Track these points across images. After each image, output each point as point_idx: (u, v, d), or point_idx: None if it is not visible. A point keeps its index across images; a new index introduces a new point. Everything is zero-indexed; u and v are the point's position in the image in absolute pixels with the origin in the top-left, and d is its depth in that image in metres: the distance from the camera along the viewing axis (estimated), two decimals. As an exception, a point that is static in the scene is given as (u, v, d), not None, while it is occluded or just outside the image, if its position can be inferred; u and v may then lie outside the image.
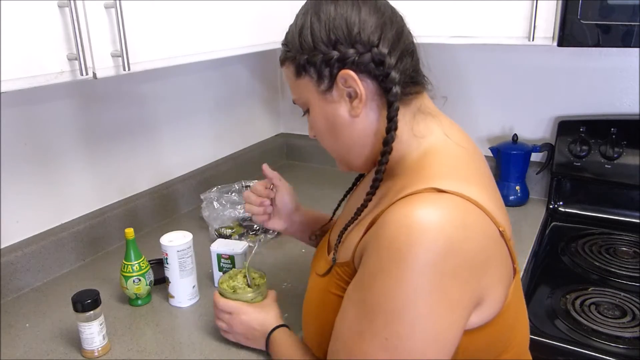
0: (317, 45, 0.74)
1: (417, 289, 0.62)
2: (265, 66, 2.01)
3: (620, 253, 1.41)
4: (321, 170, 2.02)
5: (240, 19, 1.26)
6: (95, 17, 0.90)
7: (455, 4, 1.32)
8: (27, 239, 1.26)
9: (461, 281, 0.64)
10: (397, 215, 0.65)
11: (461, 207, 0.65)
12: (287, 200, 1.06)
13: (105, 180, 1.44)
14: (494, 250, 0.68)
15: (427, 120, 0.78)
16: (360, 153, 0.80)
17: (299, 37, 0.76)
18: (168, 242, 1.12)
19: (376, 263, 0.66)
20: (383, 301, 0.64)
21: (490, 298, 0.69)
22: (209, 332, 1.06)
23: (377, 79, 0.74)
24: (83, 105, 1.35)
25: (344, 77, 0.73)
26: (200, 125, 1.74)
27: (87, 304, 0.96)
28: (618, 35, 1.16)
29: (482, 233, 0.66)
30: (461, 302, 0.65)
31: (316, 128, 0.82)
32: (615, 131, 1.51)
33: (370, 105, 0.75)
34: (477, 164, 0.78)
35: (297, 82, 0.79)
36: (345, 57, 0.73)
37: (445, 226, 0.63)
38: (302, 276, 1.24)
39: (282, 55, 0.81)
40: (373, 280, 0.66)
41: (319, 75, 0.76)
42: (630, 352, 1.04)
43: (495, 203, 0.71)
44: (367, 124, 0.76)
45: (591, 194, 1.60)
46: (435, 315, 0.63)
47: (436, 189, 0.66)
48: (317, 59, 0.75)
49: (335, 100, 0.76)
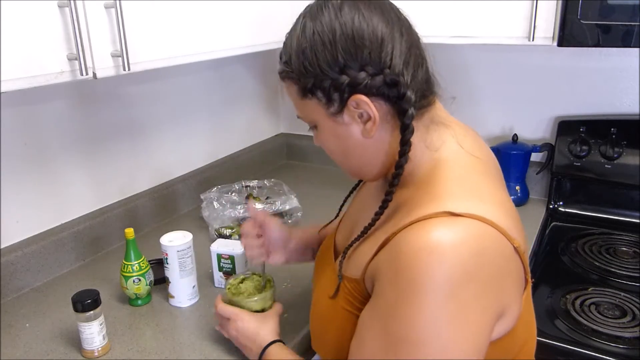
0: (324, 70, 0.69)
1: (439, 318, 0.62)
2: (265, 66, 2.01)
3: (620, 253, 1.41)
4: (321, 170, 2.02)
5: (240, 19, 1.26)
6: (95, 17, 0.90)
7: (455, 4, 1.32)
8: (27, 239, 1.26)
9: (482, 305, 0.64)
10: (413, 242, 0.64)
11: (477, 231, 0.64)
12: (277, 235, 1.04)
13: (105, 180, 1.44)
14: (510, 269, 0.68)
15: (439, 131, 0.75)
16: (371, 170, 0.78)
17: (302, 59, 0.71)
18: (168, 242, 1.12)
19: (393, 294, 0.65)
20: (408, 332, 0.63)
21: (509, 313, 0.69)
22: (209, 332, 1.06)
23: (391, 100, 0.70)
24: (83, 105, 1.35)
25: (356, 101, 0.69)
26: (200, 125, 1.74)
27: (87, 304, 0.96)
28: (618, 35, 1.16)
29: (498, 255, 0.66)
30: (484, 325, 0.65)
31: (326, 147, 0.79)
32: (615, 131, 1.51)
33: (383, 125, 0.72)
34: (491, 173, 0.76)
35: (303, 102, 0.75)
36: (356, 82, 0.68)
37: (463, 254, 0.62)
38: (302, 276, 1.24)
39: (282, 72, 0.75)
40: (394, 310, 0.64)
41: (328, 99, 0.71)
42: (630, 352, 1.04)
43: (509, 217, 0.69)
44: (380, 143, 0.73)
45: (591, 194, 1.60)
46: (461, 342, 0.63)
47: (450, 213, 0.64)
48: (325, 84, 0.70)
49: (347, 123, 0.72)
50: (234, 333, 0.96)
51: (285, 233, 1.06)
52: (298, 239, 1.08)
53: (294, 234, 1.08)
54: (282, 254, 1.06)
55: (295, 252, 1.08)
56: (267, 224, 1.04)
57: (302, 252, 1.09)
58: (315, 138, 0.81)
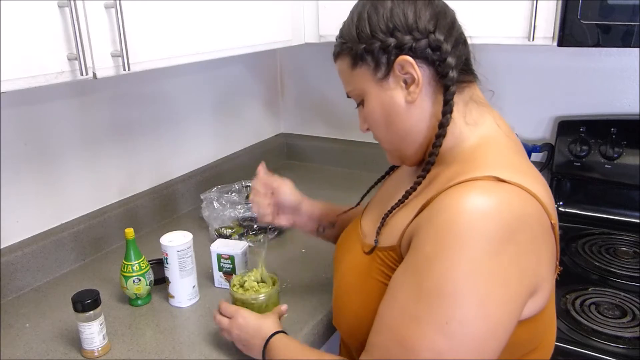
0: (375, 34, 0.76)
1: (476, 275, 0.63)
2: (265, 66, 2.01)
3: (620, 253, 1.41)
4: (321, 170, 2.02)
5: (240, 19, 1.26)
6: (95, 17, 0.90)
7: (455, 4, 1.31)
8: (27, 239, 1.26)
9: (520, 269, 0.65)
10: (456, 199, 0.65)
11: (520, 197, 0.66)
12: (287, 197, 1.07)
13: (105, 180, 1.44)
14: (548, 243, 0.69)
15: (479, 109, 0.79)
16: (413, 141, 0.80)
17: (356, 28, 0.78)
18: (168, 242, 1.12)
19: (433, 247, 0.65)
20: (442, 285, 0.64)
21: (543, 289, 0.70)
22: (209, 332, 1.06)
23: (434, 65, 0.75)
24: (83, 105, 1.35)
25: (401, 63, 0.75)
26: (200, 125, 1.74)
27: (87, 304, 0.96)
28: (618, 35, 1.16)
29: (538, 223, 0.67)
30: (520, 289, 0.66)
31: (371, 118, 0.82)
32: (615, 131, 1.51)
33: (425, 91, 0.76)
34: (525, 157, 0.79)
35: (353, 73, 0.80)
36: (402, 43, 0.74)
37: (504, 215, 0.64)
38: (302, 276, 1.24)
39: (336, 49, 0.83)
40: (430, 264, 0.65)
41: (376, 63, 0.77)
42: (630, 352, 1.04)
43: (548, 196, 0.72)
44: (423, 110, 0.77)
45: (591, 194, 1.60)
46: (496, 302, 0.63)
47: (496, 178, 0.67)
48: (374, 47, 0.76)
49: (392, 88, 0.77)
50: (237, 331, 0.94)
51: (297, 198, 1.09)
52: (307, 208, 1.10)
53: (305, 203, 1.10)
54: (290, 217, 1.09)
55: (303, 217, 1.10)
56: (279, 187, 1.07)
57: (310, 219, 1.11)
58: (361, 122, 0.85)
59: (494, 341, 0.64)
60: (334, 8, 0.87)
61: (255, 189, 1.07)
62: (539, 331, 0.74)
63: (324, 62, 1.97)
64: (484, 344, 0.64)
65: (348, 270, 0.87)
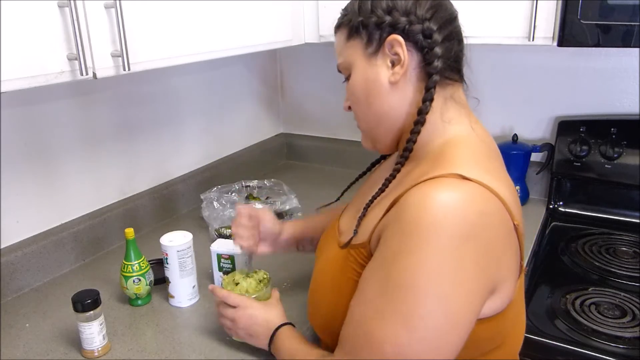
0: (374, 10, 0.78)
1: (439, 269, 0.64)
2: (265, 66, 2.01)
3: (620, 253, 1.41)
4: (321, 170, 2.02)
5: (240, 19, 1.26)
6: (95, 17, 0.90)
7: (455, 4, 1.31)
8: (27, 239, 1.26)
9: (480, 266, 0.66)
10: (421, 197, 0.67)
11: (483, 195, 0.67)
12: (269, 227, 1.09)
13: (105, 180, 1.44)
14: (509, 242, 0.70)
15: (457, 109, 0.80)
16: (389, 125, 0.82)
17: (359, 2, 0.80)
18: (168, 242, 1.12)
19: (399, 242, 0.67)
20: (405, 279, 0.65)
21: (503, 289, 0.71)
22: (209, 332, 1.06)
23: (422, 51, 0.76)
24: (83, 105, 1.35)
25: (391, 42, 0.76)
26: (200, 125, 1.74)
27: (87, 304, 0.96)
28: (618, 35, 1.16)
29: (500, 223, 0.68)
30: (480, 286, 0.67)
31: (353, 93, 0.83)
32: (615, 131, 1.51)
33: (409, 75, 0.78)
34: (497, 161, 0.79)
35: (347, 45, 0.82)
36: (396, 23, 0.76)
37: (466, 212, 0.65)
38: (301, 276, 1.24)
39: (337, 21, 0.85)
40: (395, 259, 0.67)
41: (369, 37, 0.79)
42: (630, 352, 1.04)
43: (514, 199, 0.73)
44: (403, 94, 0.79)
45: (591, 194, 1.60)
46: (456, 297, 0.65)
47: (460, 176, 0.68)
48: (370, 22, 0.78)
49: (379, 64, 0.79)
50: (245, 320, 0.94)
51: (277, 227, 1.10)
52: (288, 234, 1.13)
53: (286, 229, 1.12)
54: (270, 246, 1.11)
55: (285, 244, 1.13)
56: (260, 216, 1.08)
57: (289, 244, 1.14)
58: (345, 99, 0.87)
59: (454, 336, 0.66)
60: (334, 8, 0.88)
61: (237, 222, 1.08)
62: (501, 330, 0.75)
63: (324, 62, 1.97)
64: (444, 339, 0.65)
65: (323, 267, 0.89)
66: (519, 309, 0.79)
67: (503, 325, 0.75)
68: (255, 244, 1.08)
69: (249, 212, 1.08)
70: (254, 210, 1.09)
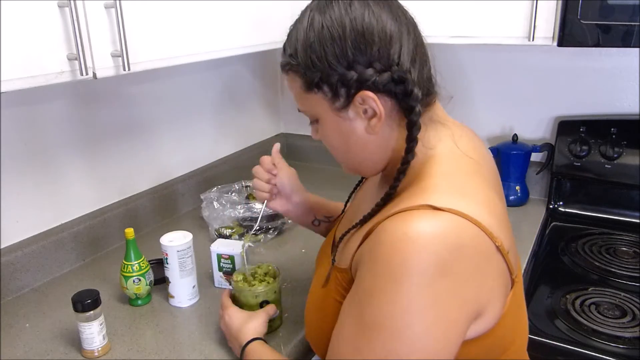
0: (331, 64, 0.69)
1: (412, 309, 0.62)
2: (265, 66, 2.01)
3: (620, 253, 1.41)
4: (321, 170, 2.01)
5: (240, 19, 1.26)
6: (95, 17, 0.90)
7: (455, 4, 1.32)
8: (27, 239, 1.26)
9: (457, 300, 0.64)
10: (392, 232, 0.64)
11: (457, 226, 0.64)
12: (285, 182, 1.06)
13: (105, 180, 1.44)
14: (490, 267, 0.67)
15: (437, 129, 0.76)
16: (371, 165, 0.79)
17: (309, 52, 0.71)
18: (168, 242, 1.12)
19: (371, 280, 0.66)
20: (380, 320, 0.64)
21: (487, 312, 0.68)
22: (209, 332, 1.06)
23: (397, 97, 0.71)
24: (83, 105, 1.35)
25: (362, 97, 0.70)
26: (200, 125, 1.74)
27: (87, 304, 0.96)
28: (618, 35, 1.16)
29: (477, 252, 0.65)
30: (458, 320, 0.65)
31: (328, 142, 0.79)
32: (615, 131, 1.51)
33: (387, 122, 0.73)
34: (482, 173, 0.76)
35: (307, 96, 0.75)
36: (364, 78, 0.69)
37: (439, 247, 0.62)
38: (302, 276, 1.24)
39: (285, 64, 0.75)
40: (369, 297, 0.65)
41: (334, 94, 0.71)
42: (630, 352, 1.04)
43: (493, 216, 0.68)
44: (383, 140, 0.74)
45: (591, 194, 1.60)
46: (433, 334, 0.63)
47: (431, 207, 0.65)
48: (332, 79, 0.70)
49: (351, 118, 0.73)
50: (223, 327, 0.99)
51: (295, 184, 1.08)
52: (304, 198, 1.09)
53: (303, 192, 1.09)
54: (284, 204, 1.08)
55: (300, 208, 1.09)
56: (280, 167, 1.06)
57: (304, 212, 1.10)
58: (314, 132, 0.81)
59: None
60: (334, 8, 0.87)
61: (257, 171, 1.06)
62: (496, 344, 0.73)
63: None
64: None
65: (315, 287, 0.87)
66: (517, 319, 0.76)
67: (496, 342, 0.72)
68: (270, 195, 1.06)
69: (271, 160, 1.05)
70: (277, 159, 1.06)
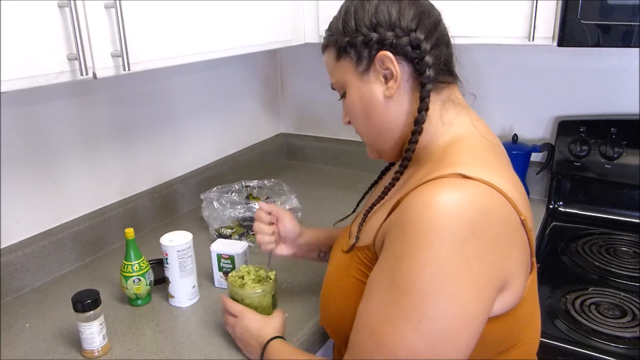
0: (359, 28, 0.78)
1: (443, 271, 0.63)
2: (265, 66, 2.01)
3: (620, 253, 1.41)
4: (321, 170, 2.02)
5: (240, 18, 1.26)
6: (95, 17, 0.90)
7: (455, 4, 1.32)
8: (27, 239, 1.26)
9: (487, 264, 0.65)
10: (422, 198, 0.66)
11: (485, 193, 0.67)
12: (289, 227, 1.08)
13: (105, 180, 1.44)
14: (516, 238, 0.70)
15: (456, 110, 0.81)
16: (390, 136, 0.82)
17: (342, 22, 0.81)
18: (168, 242, 1.12)
19: (402, 245, 0.67)
20: (411, 284, 0.65)
21: (513, 285, 0.70)
22: (209, 332, 1.06)
23: (413, 62, 0.77)
24: (83, 105, 1.35)
25: (382, 58, 0.77)
26: (200, 125, 1.74)
27: (87, 304, 0.96)
28: (618, 35, 1.16)
29: (504, 219, 0.68)
30: (488, 284, 0.66)
31: (351, 110, 0.84)
32: (615, 131, 1.51)
33: (404, 87, 0.78)
34: (501, 156, 0.79)
35: (337, 65, 0.83)
36: (384, 39, 0.76)
37: (468, 211, 0.65)
38: (302, 276, 1.24)
39: (324, 42, 0.86)
40: (399, 263, 0.67)
41: (358, 56, 0.79)
42: (630, 352, 1.04)
43: (519, 193, 0.72)
44: (400, 106, 0.79)
45: (591, 194, 1.60)
46: (465, 297, 0.64)
47: (461, 175, 0.68)
48: (357, 41, 0.78)
49: (372, 81, 0.79)
50: (240, 330, 0.97)
51: (298, 228, 1.09)
52: (309, 237, 1.11)
53: (306, 232, 1.11)
54: (290, 247, 1.10)
55: (303, 248, 1.11)
56: (281, 216, 1.08)
57: (310, 249, 1.12)
58: (343, 114, 0.88)
59: (467, 335, 0.66)
60: (334, 8, 0.88)
61: (259, 216, 1.08)
62: (515, 328, 0.75)
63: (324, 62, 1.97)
64: (457, 339, 0.65)
65: (331, 270, 0.89)
66: (532, 309, 0.78)
67: (515, 325, 0.74)
68: (274, 242, 1.07)
69: (269, 209, 1.08)
70: (274, 208, 1.08)
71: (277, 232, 1.08)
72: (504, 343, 0.75)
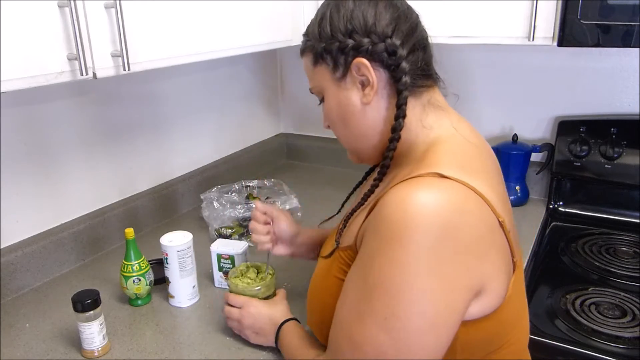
0: (335, 34, 0.78)
1: (414, 270, 0.63)
2: (265, 66, 2.01)
3: (620, 253, 1.41)
4: (321, 170, 2.02)
5: (240, 19, 1.26)
6: (95, 17, 0.90)
7: (455, 4, 1.32)
8: (27, 239, 1.26)
9: (459, 265, 0.65)
10: (396, 197, 0.66)
11: (461, 193, 0.66)
12: (284, 227, 1.08)
13: (105, 180, 1.44)
14: (493, 239, 0.69)
15: (436, 113, 0.80)
16: (369, 142, 0.82)
17: (318, 27, 0.81)
18: (168, 242, 1.12)
19: (374, 244, 0.67)
20: (381, 282, 0.65)
21: (491, 288, 0.69)
22: (209, 332, 1.06)
23: (389, 69, 0.76)
24: (83, 105, 1.35)
25: (358, 65, 0.76)
26: (200, 125, 1.74)
27: (87, 304, 0.96)
28: (618, 35, 1.16)
29: (480, 220, 0.67)
30: (459, 286, 0.66)
31: (329, 116, 0.85)
32: (615, 131, 1.51)
33: (381, 93, 0.78)
34: (484, 159, 0.79)
35: (315, 70, 0.83)
36: (359, 45, 0.76)
37: (443, 210, 0.64)
38: (302, 276, 1.24)
39: (302, 46, 0.86)
40: (371, 260, 0.67)
41: (335, 63, 0.79)
42: (630, 352, 1.04)
43: (497, 195, 0.72)
44: (377, 112, 0.79)
45: (591, 194, 1.60)
46: (433, 297, 0.64)
47: (439, 174, 0.68)
48: (333, 47, 0.78)
49: (349, 88, 0.79)
50: (249, 320, 0.97)
51: (295, 228, 1.09)
52: (306, 237, 1.11)
53: (304, 232, 1.11)
54: (288, 247, 1.10)
55: (301, 248, 1.11)
56: (277, 216, 1.08)
57: (308, 249, 1.12)
58: (323, 118, 0.88)
59: (434, 337, 0.65)
60: (334, 8, 0.88)
61: (255, 216, 1.08)
62: (500, 329, 0.74)
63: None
64: (423, 340, 0.65)
65: (316, 274, 0.90)
66: (518, 309, 0.78)
67: (500, 327, 0.74)
68: (271, 242, 1.08)
69: (265, 209, 1.08)
70: (269, 208, 1.08)
71: (272, 232, 1.08)
72: (491, 345, 0.74)
